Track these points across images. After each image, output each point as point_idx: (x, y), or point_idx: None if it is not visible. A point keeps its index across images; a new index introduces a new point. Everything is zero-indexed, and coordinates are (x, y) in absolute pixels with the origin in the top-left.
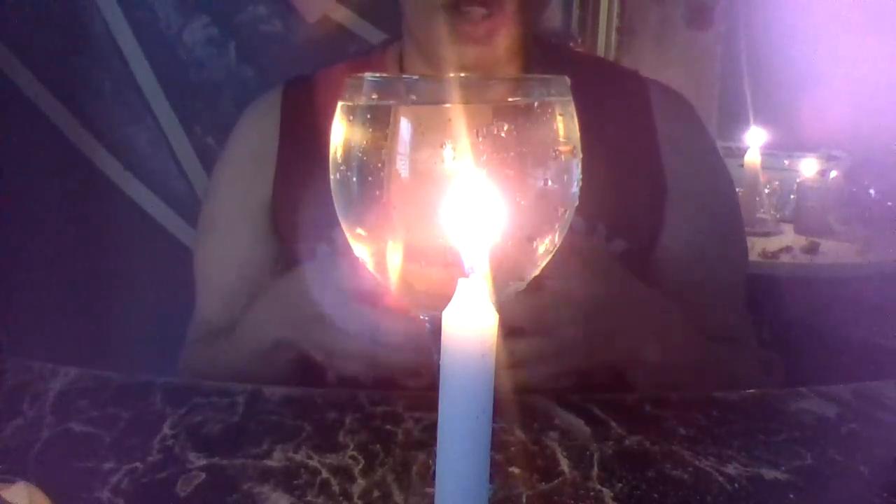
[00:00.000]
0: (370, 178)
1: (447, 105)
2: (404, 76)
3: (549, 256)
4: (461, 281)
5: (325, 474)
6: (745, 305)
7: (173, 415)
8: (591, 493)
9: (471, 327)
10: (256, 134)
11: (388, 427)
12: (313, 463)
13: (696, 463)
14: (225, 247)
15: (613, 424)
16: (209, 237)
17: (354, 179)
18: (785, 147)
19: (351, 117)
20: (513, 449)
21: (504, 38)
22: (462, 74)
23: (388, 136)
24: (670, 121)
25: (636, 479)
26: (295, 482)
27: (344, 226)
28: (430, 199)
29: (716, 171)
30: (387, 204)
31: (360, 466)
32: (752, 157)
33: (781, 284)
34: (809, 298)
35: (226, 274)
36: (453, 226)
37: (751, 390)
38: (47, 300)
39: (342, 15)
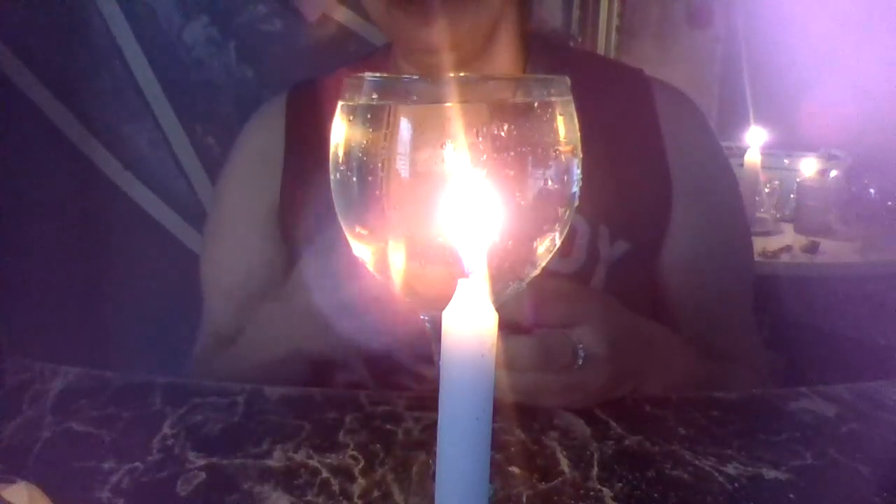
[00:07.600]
0: (370, 178)
1: (447, 105)
2: (404, 76)
3: (550, 256)
4: (461, 281)
5: (325, 474)
6: (752, 316)
7: (173, 415)
8: (591, 493)
9: (471, 327)
10: (262, 140)
11: (388, 427)
12: (313, 463)
13: (696, 463)
14: (234, 254)
15: (613, 424)
16: (217, 245)
17: (354, 179)
18: (785, 147)
19: (351, 117)
20: (513, 449)
21: (459, 14)
22: (462, 74)
23: (388, 136)
24: (675, 121)
25: (636, 479)
26: (295, 482)
27: (344, 225)
28: (430, 199)
29: (722, 172)
30: (386, 204)
31: (360, 466)
32: (752, 157)
33: (781, 284)
34: (809, 298)
35: (235, 281)
36: (453, 225)
37: (750, 390)
38: (47, 300)
39: (342, 14)
